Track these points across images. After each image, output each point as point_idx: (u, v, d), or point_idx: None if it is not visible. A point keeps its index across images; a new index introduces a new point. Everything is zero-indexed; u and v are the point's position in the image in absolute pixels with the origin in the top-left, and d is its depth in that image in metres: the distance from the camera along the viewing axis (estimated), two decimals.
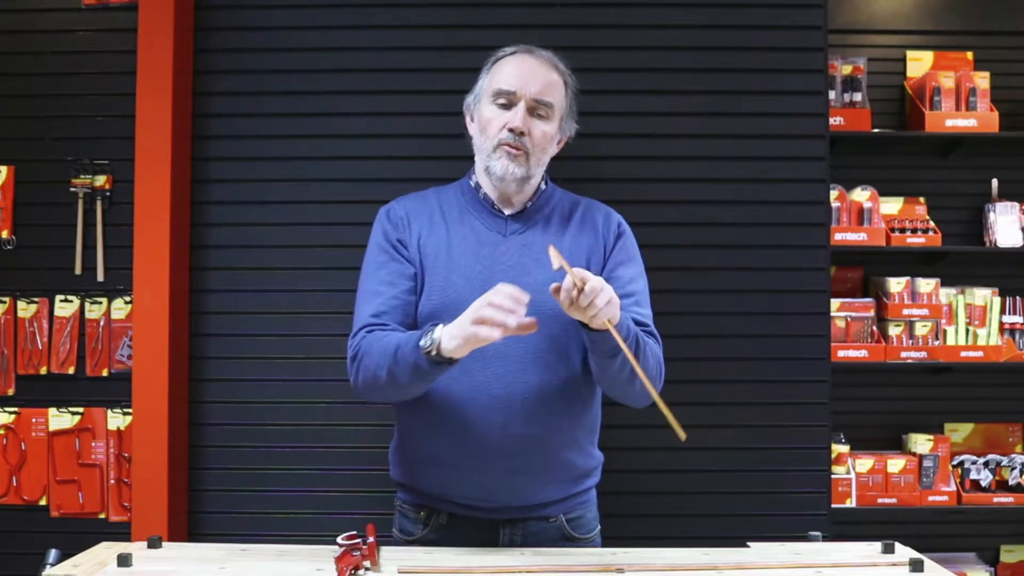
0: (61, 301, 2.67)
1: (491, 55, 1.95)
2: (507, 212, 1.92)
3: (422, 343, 1.65)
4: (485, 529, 1.85)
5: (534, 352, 1.79)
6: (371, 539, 1.61)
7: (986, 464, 3.17)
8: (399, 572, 1.53)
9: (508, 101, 1.86)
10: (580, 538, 1.91)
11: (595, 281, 1.59)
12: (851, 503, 3.08)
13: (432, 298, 1.84)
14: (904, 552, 1.68)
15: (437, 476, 1.85)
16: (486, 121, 1.88)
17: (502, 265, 1.84)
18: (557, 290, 1.61)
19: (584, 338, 1.73)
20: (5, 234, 2.69)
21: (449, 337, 1.63)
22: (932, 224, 3.22)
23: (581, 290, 1.58)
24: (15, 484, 2.65)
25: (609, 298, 1.60)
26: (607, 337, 1.64)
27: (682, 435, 1.49)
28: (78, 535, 2.29)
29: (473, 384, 1.78)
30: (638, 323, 1.79)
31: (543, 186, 1.97)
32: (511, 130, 1.84)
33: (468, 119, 1.97)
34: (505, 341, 1.72)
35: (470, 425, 1.79)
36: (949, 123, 3.20)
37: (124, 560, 1.52)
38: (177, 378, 2.51)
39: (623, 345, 1.60)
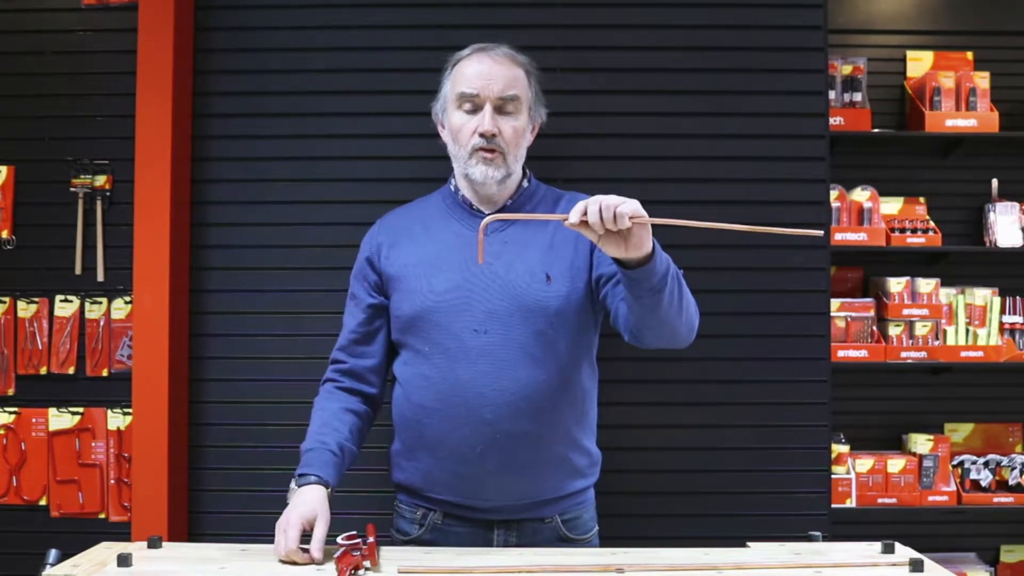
0: (61, 301, 2.66)
1: (448, 59, 1.96)
2: (487, 212, 1.92)
3: (295, 474, 1.82)
4: (479, 530, 1.85)
5: (519, 348, 1.79)
6: (371, 539, 1.61)
7: (986, 464, 3.17)
8: (399, 572, 1.54)
9: (474, 104, 1.87)
10: (576, 539, 1.91)
11: (592, 201, 1.54)
12: (851, 503, 3.08)
13: (415, 303, 1.85)
14: (904, 552, 1.68)
15: (430, 476, 1.86)
16: (456, 129, 1.89)
17: (484, 264, 1.84)
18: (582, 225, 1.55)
19: (625, 285, 1.66)
20: (5, 234, 2.69)
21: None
22: (932, 224, 3.22)
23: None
24: (15, 484, 2.65)
25: (609, 196, 1.55)
26: (650, 271, 1.60)
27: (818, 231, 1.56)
28: (78, 535, 2.29)
29: (460, 383, 1.79)
30: None
31: (525, 183, 1.97)
32: (482, 135, 1.85)
33: (439, 127, 1.99)
34: (489, 338, 1.78)
35: (460, 424, 1.79)
36: (949, 123, 3.20)
37: (124, 560, 1.53)
38: (177, 378, 2.51)
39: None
